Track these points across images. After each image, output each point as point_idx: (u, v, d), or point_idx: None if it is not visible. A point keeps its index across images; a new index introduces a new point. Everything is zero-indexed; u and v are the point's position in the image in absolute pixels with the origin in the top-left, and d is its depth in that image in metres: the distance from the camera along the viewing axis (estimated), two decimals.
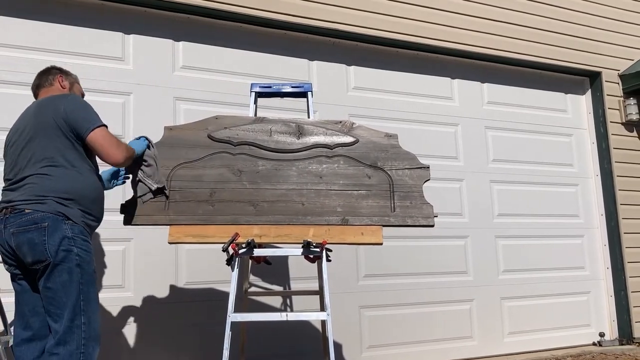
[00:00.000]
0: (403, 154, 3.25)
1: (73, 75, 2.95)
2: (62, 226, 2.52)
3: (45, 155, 2.57)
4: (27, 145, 2.61)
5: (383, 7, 4.94)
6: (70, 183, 2.58)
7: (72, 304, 2.50)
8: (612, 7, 6.07)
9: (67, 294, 2.50)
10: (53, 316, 2.51)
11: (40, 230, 2.49)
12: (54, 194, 2.54)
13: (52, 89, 2.83)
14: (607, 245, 5.73)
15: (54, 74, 2.87)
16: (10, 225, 2.52)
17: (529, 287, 5.35)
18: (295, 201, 3.10)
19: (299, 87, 3.62)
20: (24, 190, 2.56)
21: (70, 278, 2.51)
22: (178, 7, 4.28)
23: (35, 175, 2.56)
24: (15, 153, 2.66)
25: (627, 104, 5.88)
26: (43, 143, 2.58)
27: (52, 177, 2.56)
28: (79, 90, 2.94)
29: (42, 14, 3.97)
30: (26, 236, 2.49)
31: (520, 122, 5.63)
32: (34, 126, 2.62)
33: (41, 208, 2.51)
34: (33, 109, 2.72)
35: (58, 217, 2.52)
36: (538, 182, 5.58)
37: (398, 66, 5.15)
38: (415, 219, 3.14)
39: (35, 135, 2.61)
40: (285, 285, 4.38)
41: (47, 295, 2.51)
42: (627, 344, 5.48)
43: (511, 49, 5.47)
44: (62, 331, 2.48)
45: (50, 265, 2.49)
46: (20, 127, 2.70)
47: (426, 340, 4.83)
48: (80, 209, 2.60)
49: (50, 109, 2.63)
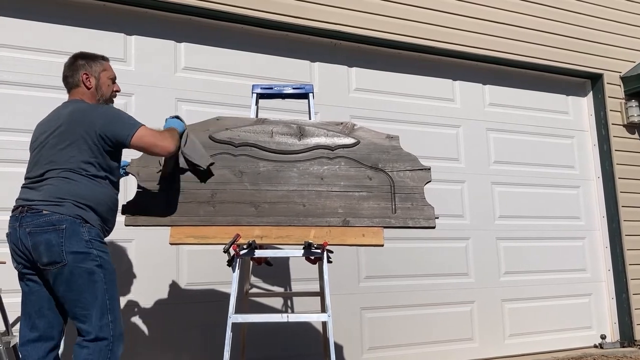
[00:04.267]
0: (404, 156, 3.25)
1: (98, 63, 2.86)
2: (80, 229, 2.54)
3: (70, 163, 2.58)
4: (53, 148, 2.61)
5: (384, 8, 4.95)
6: (89, 190, 2.61)
7: (100, 304, 2.52)
8: (614, 10, 6.06)
9: (92, 294, 2.52)
10: (80, 317, 2.52)
11: (57, 232, 2.49)
12: (73, 197, 2.55)
13: (80, 91, 2.80)
14: (609, 247, 5.72)
15: (79, 69, 2.81)
16: (26, 225, 2.52)
17: (530, 289, 5.34)
18: (297, 202, 3.11)
19: (300, 88, 3.62)
20: (43, 191, 2.56)
21: (92, 279, 2.53)
22: (180, 9, 4.28)
23: (55, 178, 2.57)
24: (39, 153, 2.66)
25: (629, 106, 5.88)
26: (70, 152, 2.59)
27: (72, 181, 2.57)
28: (106, 77, 2.87)
29: (42, 15, 3.98)
30: (43, 237, 2.49)
31: (522, 124, 5.63)
32: (63, 133, 2.61)
33: (59, 210, 2.52)
34: (65, 115, 2.67)
35: (76, 220, 2.54)
36: (539, 184, 5.57)
37: (400, 68, 5.15)
38: (417, 221, 3.14)
39: (62, 141, 2.60)
40: (286, 287, 4.38)
41: (71, 298, 2.51)
42: (628, 347, 5.47)
43: (513, 51, 5.47)
44: (94, 331, 2.50)
45: (67, 269, 2.49)
46: (48, 129, 2.67)
47: (427, 342, 4.82)
48: (96, 215, 2.63)
49: (84, 124, 2.63)
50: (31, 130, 3.74)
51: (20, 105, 3.83)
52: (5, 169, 3.74)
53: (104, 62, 2.90)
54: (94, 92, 2.82)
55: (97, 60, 2.87)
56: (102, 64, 2.88)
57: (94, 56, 2.88)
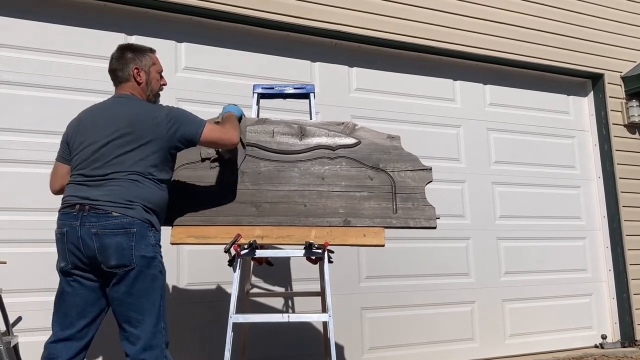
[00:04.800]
0: (405, 156, 3.25)
1: (148, 57, 2.82)
2: (148, 233, 2.54)
3: (138, 166, 2.56)
4: (119, 149, 2.56)
5: (385, 8, 4.94)
6: (155, 194, 2.61)
7: (156, 310, 2.51)
8: (615, 9, 6.06)
9: (150, 299, 2.50)
10: (133, 322, 2.49)
11: (128, 236, 2.47)
12: (142, 201, 2.54)
13: (130, 86, 2.76)
14: (609, 247, 5.72)
15: (129, 63, 2.75)
16: (91, 225, 2.47)
17: (531, 289, 5.34)
18: (297, 202, 3.10)
19: (301, 88, 3.62)
20: (108, 192, 2.51)
21: (153, 284, 2.53)
22: (181, 9, 4.28)
23: (123, 180, 2.53)
24: (98, 151, 2.58)
25: (630, 106, 5.87)
26: (137, 155, 2.57)
27: (141, 185, 2.56)
28: (155, 72, 2.84)
29: (42, 15, 3.97)
30: (114, 240, 2.46)
31: (523, 124, 5.62)
32: (129, 135, 2.57)
33: (130, 213, 2.50)
34: (128, 116, 2.62)
35: (144, 224, 2.53)
36: (540, 184, 5.57)
37: (400, 68, 5.15)
38: (418, 221, 3.14)
39: (128, 143, 2.57)
40: (286, 287, 4.37)
41: (128, 301, 2.49)
42: (629, 347, 5.47)
43: (513, 51, 5.47)
44: (146, 336, 2.48)
45: (134, 272, 2.47)
46: (106, 127, 2.60)
47: (427, 342, 4.82)
48: (158, 220, 2.65)
49: (152, 127, 2.60)
50: (31, 130, 3.82)
51: (20, 106, 3.82)
52: (5, 169, 3.73)
53: (152, 55, 2.86)
54: (144, 87, 2.79)
55: (146, 53, 2.83)
56: (151, 58, 2.84)
57: (142, 49, 2.84)
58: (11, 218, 3.70)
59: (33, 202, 3.75)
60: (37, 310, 3.65)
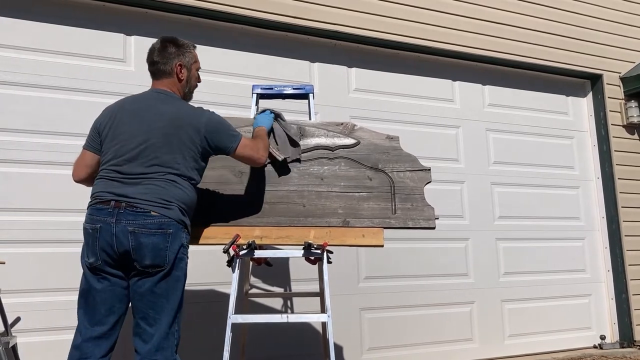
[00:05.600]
0: (404, 156, 3.25)
1: (190, 53, 2.80)
2: (181, 234, 2.54)
3: (176, 168, 2.56)
4: (158, 149, 2.55)
5: (384, 9, 4.94)
6: (189, 196, 2.62)
7: (173, 311, 2.50)
8: (614, 10, 6.07)
9: (169, 300, 2.49)
10: (149, 319, 2.47)
11: (165, 236, 2.47)
12: (178, 202, 2.55)
13: (171, 82, 2.74)
14: (608, 247, 5.72)
15: (172, 57, 2.73)
16: (127, 222, 2.44)
17: (530, 289, 5.34)
18: (296, 203, 3.10)
19: (300, 88, 3.62)
20: (147, 190, 2.50)
21: (176, 286, 2.52)
22: (179, 9, 4.28)
23: (162, 180, 2.53)
24: (130, 146, 2.56)
25: (629, 107, 5.88)
26: (176, 156, 2.56)
27: (179, 185, 2.56)
28: (195, 69, 2.84)
29: (42, 15, 3.97)
30: (151, 239, 2.45)
31: (522, 125, 5.63)
32: (169, 136, 2.56)
33: (168, 214, 2.49)
34: (168, 117, 2.60)
35: (179, 225, 2.54)
36: (539, 185, 5.57)
37: (399, 68, 5.15)
38: (417, 221, 3.14)
39: (167, 144, 2.56)
40: (285, 287, 4.37)
41: (150, 299, 2.47)
42: (628, 347, 5.48)
43: (512, 51, 5.47)
44: (159, 336, 2.46)
45: (164, 272, 2.48)
46: (144, 125, 2.58)
47: (427, 343, 4.82)
48: (190, 221, 2.65)
49: (191, 131, 2.61)
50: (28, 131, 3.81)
51: (18, 106, 3.82)
52: (3, 169, 3.73)
53: (194, 52, 2.84)
54: (184, 84, 2.79)
55: (188, 49, 2.81)
56: (192, 55, 2.82)
57: (185, 44, 2.81)
58: (9, 218, 3.69)
59: (32, 202, 3.75)
60: (35, 311, 3.65)
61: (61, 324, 3.57)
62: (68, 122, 3.88)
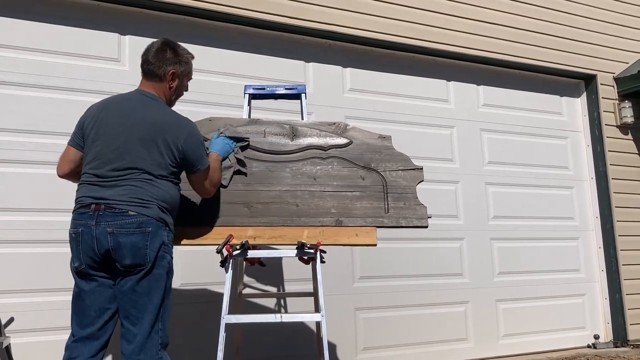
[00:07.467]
0: (397, 156, 3.26)
1: (185, 64, 2.79)
2: (162, 232, 2.54)
3: (149, 168, 2.56)
4: (132, 151, 2.55)
5: (378, 9, 4.95)
6: (169, 193, 2.62)
7: (155, 310, 2.51)
8: (608, 11, 6.09)
9: (151, 299, 2.50)
10: (132, 319, 2.49)
11: (144, 235, 2.48)
12: (157, 200, 2.55)
13: (159, 86, 2.73)
14: (602, 247, 5.74)
15: (167, 63, 2.72)
16: (106, 224, 2.46)
17: (524, 289, 5.35)
18: (289, 202, 3.11)
19: (292, 88, 3.62)
20: (123, 191, 2.51)
21: (158, 284, 2.52)
22: (174, 8, 4.28)
23: (137, 180, 2.53)
24: (109, 149, 2.57)
25: (622, 107, 5.90)
26: (152, 156, 2.56)
27: (155, 184, 2.56)
28: (187, 80, 2.85)
29: (37, 15, 3.96)
30: (129, 239, 2.46)
31: (516, 125, 5.64)
32: (145, 140, 2.57)
33: (146, 212, 2.50)
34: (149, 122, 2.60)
35: (159, 223, 2.54)
36: (533, 185, 5.58)
37: (394, 68, 5.16)
38: (409, 220, 3.15)
39: (143, 146, 2.56)
40: (279, 287, 4.37)
41: (132, 298, 2.49)
42: (621, 347, 5.49)
43: (507, 52, 5.48)
44: (142, 336, 2.48)
45: (145, 270, 2.48)
46: (124, 128, 2.60)
47: (421, 342, 4.83)
48: (172, 219, 2.65)
49: (170, 136, 2.60)
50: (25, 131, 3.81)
51: (15, 106, 3.81)
52: (5, 169, 3.73)
53: (190, 63, 2.84)
54: (172, 92, 2.79)
55: (185, 59, 2.80)
56: (188, 65, 2.82)
57: (183, 54, 2.79)
58: (5, 218, 3.68)
59: (27, 202, 3.74)
60: (29, 311, 3.64)
61: (55, 324, 3.56)
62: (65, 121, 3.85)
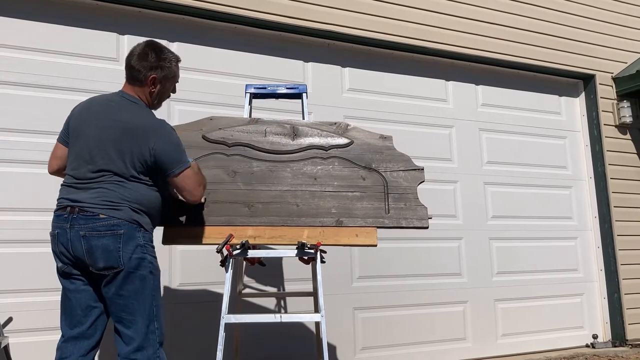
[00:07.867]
0: (398, 156, 3.25)
1: (168, 69, 2.71)
2: (136, 234, 2.52)
3: (121, 170, 2.52)
4: (106, 153, 2.53)
5: (378, 9, 4.95)
6: (143, 194, 2.58)
7: (147, 311, 2.51)
8: (606, 11, 6.09)
9: (140, 300, 2.50)
10: (125, 322, 2.49)
11: (115, 237, 2.46)
12: (129, 202, 2.52)
13: (141, 90, 2.67)
14: (601, 247, 5.75)
15: (148, 69, 2.65)
16: (80, 227, 2.46)
17: (523, 289, 5.36)
18: (290, 202, 3.10)
19: (293, 88, 3.62)
20: (95, 194, 2.50)
21: (143, 285, 2.51)
22: (173, 8, 4.27)
23: (109, 183, 2.51)
24: (86, 150, 2.56)
25: (621, 107, 5.91)
26: (122, 162, 2.53)
27: (126, 186, 2.53)
28: (170, 85, 2.78)
29: (36, 15, 3.95)
30: (101, 242, 2.45)
31: (515, 125, 5.64)
32: (119, 141, 2.53)
33: (117, 214, 2.48)
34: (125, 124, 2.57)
35: (132, 225, 2.51)
36: (532, 184, 5.59)
37: (393, 68, 5.16)
38: (410, 221, 3.14)
39: (116, 148, 2.53)
40: (279, 287, 4.37)
41: (119, 302, 2.49)
42: (620, 346, 5.50)
43: (505, 52, 5.49)
44: (139, 337, 2.48)
45: (122, 273, 2.47)
46: (101, 130, 2.57)
47: (420, 342, 4.83)
48: (149, 219, 2.62)
49: (140, 140, 2.54)
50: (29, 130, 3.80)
51: (12, 105, 3.80)
52: (4, 169, 3.71)
53: (175, 67, 2.76)
54: (154, 96, 2.73)
55: (169, 63, 2.72)
56: (171, 70, 2.74)
57: (167, 59, 2.72)
58: (1, 218, 3.67)
59: (24, 202, 3.73)
60: (27, 311, 3.63)
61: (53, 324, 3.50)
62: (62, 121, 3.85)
